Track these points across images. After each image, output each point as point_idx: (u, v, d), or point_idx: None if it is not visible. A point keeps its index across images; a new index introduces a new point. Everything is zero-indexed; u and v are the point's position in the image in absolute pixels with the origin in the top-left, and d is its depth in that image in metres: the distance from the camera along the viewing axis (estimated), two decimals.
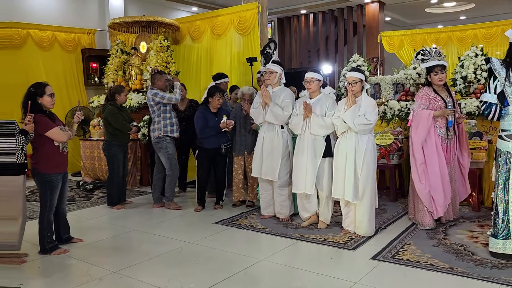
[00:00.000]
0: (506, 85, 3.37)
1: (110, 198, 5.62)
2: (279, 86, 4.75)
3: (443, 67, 4.33)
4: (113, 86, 5.78)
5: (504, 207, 3.45)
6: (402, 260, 3.58)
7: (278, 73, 4.72)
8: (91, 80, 9.14)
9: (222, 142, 5.27)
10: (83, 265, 3.71)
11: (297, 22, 13.53)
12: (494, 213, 3.53)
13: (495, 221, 3.51)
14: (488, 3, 12.25)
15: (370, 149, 4.13)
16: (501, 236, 3.46)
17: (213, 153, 5.29)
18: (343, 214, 4.37)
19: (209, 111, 5.27)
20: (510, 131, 3.42)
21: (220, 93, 5.26)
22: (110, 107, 5.45)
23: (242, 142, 5.29)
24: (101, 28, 9.39)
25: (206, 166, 5.36)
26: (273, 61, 4.81)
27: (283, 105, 4.59)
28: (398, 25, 14.98)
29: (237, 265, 3.61)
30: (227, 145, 5.31)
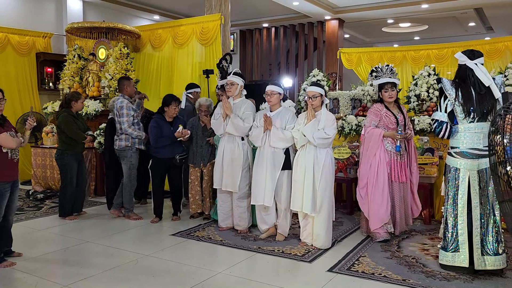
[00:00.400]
0: (456, 105, 3.53)
1: (62, 209, 5.40)
2: (240, 98, 4.77)
3: (394, 85, 4.42)
4: (69, 93, 5.59)
5: (453, 221, 3.59)
6: (358, 272, 3.65)
7: (239, 84, 4.73)
8: (45, 85, 8.81)
9: (177, 152, 5.18)
10: (31, 278, 3.53)
11: (259, 35, 13.67)
12: (444, 227, 3.66)
13: (445, 235, 3.64)
14: (440, 26, 12.88)
15: (328, 163, 4.21)
16: (450, 249, 3.59)
17: (167, 163, 5.19)
18: (301, 227, 4.41)
19: (164, 120, 5.19)
20: (459, 148, 3.57)
21: (176, 102, 5.17)
22: (64, 114, 5.27)
23: (198, 153, 5.21)
24: (57, 32, 9.10)
25: (160, 176, 5.26)
26: (235, 73, 4.81)
27: (244, 117, 4.61)
28: (356, 42, 15.46)
29: (195, 278, 3.55)
30: (182, 155, 5.21)
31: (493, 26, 12.92)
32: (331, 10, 11.32)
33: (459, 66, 3.63)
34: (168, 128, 5.16)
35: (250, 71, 13.76)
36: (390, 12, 11.26)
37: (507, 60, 8.02)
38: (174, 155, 5.15)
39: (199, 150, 5.20)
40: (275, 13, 11.95)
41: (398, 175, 4.43)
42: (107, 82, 6.96)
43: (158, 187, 5.28)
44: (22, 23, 8.58)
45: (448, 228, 3.61)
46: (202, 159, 5.20)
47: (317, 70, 7.16)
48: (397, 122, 4.39)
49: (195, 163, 5.23)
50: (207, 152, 5.20)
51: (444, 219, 3.67)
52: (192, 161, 5.25)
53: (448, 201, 3.63)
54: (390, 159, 4.40)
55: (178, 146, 5.20)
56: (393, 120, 4.40)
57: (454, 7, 10.61)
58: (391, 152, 4.41)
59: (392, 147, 4.40)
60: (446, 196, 3.66)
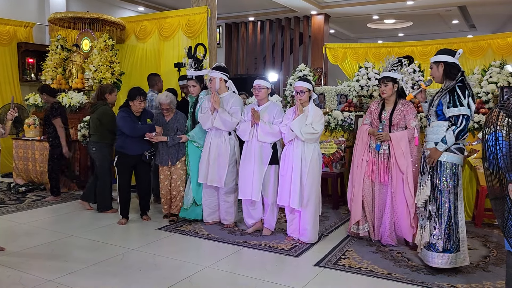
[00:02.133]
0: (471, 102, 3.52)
1: (104, 202, 5.32)
2: (227, 92, 4.73)
3: (387, 79, 4.12)
4: (104, 85, 5.63)
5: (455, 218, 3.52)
6: (344, 266, 3.69)
7: (217, 77, 4.61)
8: (26, 76, 8.62)
9: (146, 149, 4.91)
10: (15, 273, 3.47)
11: (245, 29, 13.62)
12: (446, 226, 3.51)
13: (449, 234, 3.50)
14: (424, 23, 13.03)
15: (315, 158, 4.23)
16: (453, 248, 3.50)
17: (135, 160, 4.91)
18: (288, 221, 4.43)
19: (132, 114, 4.85)
20: (459, 145, 3.52)
21: (142, 96, 4.81)
22: (105, 107, 5.32)
23: (165, 151, 4.88)
24: (40, 22, 8.89)
25: (128, 174, 4.97)
26: (213, 67, 4.73)
27: (232, 111, 4.58)
28: (342, 37, 15.54)
29: (182, 272, 3.54)
30: (151, 151, 4.96)
31: (476, 24, 13.13)
32: (317, 5, 11.34)
33: (456, 64, 3.57)
34: (136, 123, 4.85)
35: (235, 65, 13.72)
36: (375, 8, 11.34)
37: (489, 58, 8.16)
38: (143, 151, 4.90)
39: (165, 148, 4.88)
40: (261, 6, 11.92)
41: (376, 175, 4.17)
42: (91, 74, 6.84)
43: (125, 185, 4.96)
44: (3, 11, 8.36)
45: (453, 227, 3.48)
46: (170, 158, 4.88)
47: (303, 65, 7.17)
48: (380, 121, 4.18)
49: (162, 162, 4.93)
50: (175, 149, 4.88)
51: (445, 219, 3.48)
52: (159, 160, 4.95)
53: (449, 198, 3.49)
54: (371, 157, 4.22)
55: (146, 142, 4.88)
56: (375, 117, 4.24)
57: (439, 4, 10.75)
58: (374, 150, 4.21)
59: (374, 144, 4.20)
60: (446, 193, 3.48)
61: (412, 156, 4.05)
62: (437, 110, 3.56)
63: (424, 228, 3.64)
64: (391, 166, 4.10)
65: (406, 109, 4.10)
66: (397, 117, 4.11)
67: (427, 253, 3.58)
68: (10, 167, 7.36)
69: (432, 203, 3.57)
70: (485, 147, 2.32)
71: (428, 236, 3.56)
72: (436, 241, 3.51)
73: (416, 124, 4.07)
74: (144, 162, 4.98)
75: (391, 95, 4.15)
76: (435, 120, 3.58)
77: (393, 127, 4.12)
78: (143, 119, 4.89)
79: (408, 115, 4.08)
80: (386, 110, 4.20)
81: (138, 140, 4.83)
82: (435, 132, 3.58)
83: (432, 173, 3.57)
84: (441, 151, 3.49)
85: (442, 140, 3.47)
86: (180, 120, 4.93)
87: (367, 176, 4.22)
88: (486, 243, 4.34)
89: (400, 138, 4.04)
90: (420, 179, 3.72)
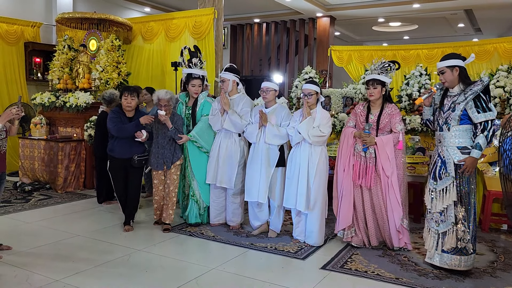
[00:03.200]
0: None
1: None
2: (238, 93, 4.72)
3: (378, 82, 4.04)
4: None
5: (473, 221, 3.56)
6: (351, 270, 3.68)
7: (231, 80, 4.62)
8: (33, 76, 8.66)
9: (136, 152, 4.57)
10: (21, 272, 3.48)
11: (250, 30, 13.62)
12: (465, 230, 3.54)
13: (473, 236, 3.56)
14: (429, 26, 13.00)
15: (323, 160, 4.22)
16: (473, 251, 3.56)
17: (125, 164, 4.58)
18: (294, 224, 4.42)
19: (123, 114, 4.60)
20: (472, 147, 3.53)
21: (128, 92, 4.53)
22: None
23: (159, 154, 4.56)
24: (47, 22, 8.93)
25: (121, 179, 4.66)
26: (226, 68, 4.70)
27: (242, 113, 4.57)
28: (347, 40, 15.52)
29: (188, 273, 3.54)
30: (141, 155, 4.60)
31: (482, 28, 13.09)
32: (323, 7, 11.34)
33: (465, 69, 3.61)
34: (125, 123, 4.57)
35: (240, 66, 13.72)
36: (381, 11, 11.33)
37: (495, 61, 8.13)
38: (132, 154, 4.55)
39: (160, 150, 4.56)
40: (267, 8, 11.92)
41: (362, 179, 4.06)
42: (97, 74, 6.86)
43: (121, 192, 4.70)
44: (11, 11, 8.40)
45: (472, 230, 3.52)
46: (165, 161, 4.56)
47: (309, 67, 7.19)
48: (367, 122, 4.08)
49: (157, 166, 4.58)
50: (170, 152, 4.56)
51: (468, 222, 3.51)
52: (153, 164, 4.60)
53: (474, 201, 3.54)
54: (356, 161, 4.10)
55: (138, 145, 4.59)
56: (362, 120, 4.12)
57: (445, 8, 10.72)
58: (359, 153, 4.10)
59: (360, 147, 4.09)
60: (472, 196, 3.53)
61: (396, 160, 3.99)
62: (461, 115, 3.52)
63: (446, 234, 3.57)
64: (377, 170, 4.02)
65: (392, 112, 4.04)
66: (384, 121, 4.04)
67: (453, 257, 3.54)
68: (16, 166, 7.38)
69: (458, 207, 3.53)
70: (501, 151, 2.30)
71: (455, 241, 3.53)
72: (466, 244, 3.52)
73: (401, 127, 4.01)
74: (133, 167, 4.60)
75: (378, 98, 4.08)
76: (456, 124, 3.55)
77: (380, 130, 4.05)
78: (136, 120, 4.55)
79: (394, 119, 4.02)
80: (372, 113, 4.12)
81: (127, 142, 4.53)
82: (459, 136, 3.54)
83: (457, 176, 3.53)
84: (478, 158, 3.49)
85: (477, 147, 3.45)
86: (177, 122, 4.60)
87: (353, 180, 4.12)
88: (493, 248, 4.32)
89: (385, 143, 3.97)
90: (435, 185, 3.65)
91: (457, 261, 3.53)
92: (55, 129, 7.19)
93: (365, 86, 4.18)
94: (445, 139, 3.61)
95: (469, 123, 3.52)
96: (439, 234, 3.62)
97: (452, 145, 3.56)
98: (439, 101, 3.74)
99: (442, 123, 3.65)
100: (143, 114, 4.66)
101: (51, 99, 6.95)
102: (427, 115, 3.86)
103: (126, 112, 4.59)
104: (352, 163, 4.12)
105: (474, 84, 3.52)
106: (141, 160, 4.62)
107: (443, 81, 3.66)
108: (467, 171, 3.49)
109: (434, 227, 3.66)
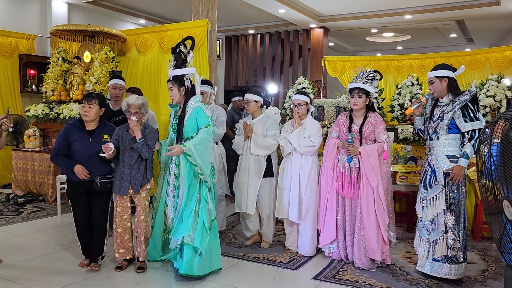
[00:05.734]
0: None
1: None
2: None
3: (363, 91, 3.96)
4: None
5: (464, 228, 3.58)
6: (342, 280, 3.68)
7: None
8: (27, 88, 8.67)
9: (99, 173, 3.72)
10: (12, 286, 3.46)
11: (245, 42, 13.72)
12: (455, 238, 3.55)
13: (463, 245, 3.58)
14: (422, 36, 13.12)
15: (314, 171, 4.24)
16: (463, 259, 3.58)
17: (86, 188, 3.75)
18: (286, 234, 4.43)
19: (83, 127, 3.82)
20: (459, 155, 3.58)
21: (87, 99, 3.78)
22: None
23: (125, 175, 3.72)
24: (41, 34, 8.97)
25: (81, 206, 3.81)
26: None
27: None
28: (341, 50, 15.64)
29: (179, 285, 3.52)
30: (105, 177, 3.74)
31: (474, 38, 13.23)
32: (317, 19, 11.44)
33: (454, 80, 3.66)
34: (83, 139, 3.75)
35: (235, 77, 13.80)
36: (374, 22, 11.44)
37: (487, 71, 8.21)
38: (92, 176, 3.71)
39: (127, 170, 3.71)
40: (261, 20, 12.02)
41: (346, 191, 3.96)
42: (91, 86, 6.89)
43: (80, 221, 3.84)
44: (5, 24, 8.44)
45: (462, 238, 3.54)
46: (132, 183, 3.72)
47: (302, 78, 7.24)
48: (350, 131, 4.01)
49: (120, 190, 3.73)
50: (139, 173, 3.73)
51: (458, 230, 3.53)
52: (117, 187, 3.74)
53: (463, 209, 3.57)
54: (340, 172, 4.01)
55: (101, 163, 3.75)
56: (345, 131, 4.04)
57: (437, 19, 10.84)
58: (343, 164, 4.00)
59: (344, 158, 3.99)
60: (462, 204, 3.56)
61: (381, 171, 3.92)
62: (449, 125, 3.56)
63: (436, 242, 3.58)
64: (360, 181, 3.91)
65: (375, 121, 3.97)
66: (367, 130, 3.96)
67: (444, 266, 3.55)
68: (9, 178, 7.36)
69: (448, 215, 3.55)
70: (480, 161, 2.34)
71: (446, 250, 3.54)
72: (456, 253, 3.53)
73: (386, 137, 3.93)
74: (97, 192, 3.76)
75: (362, 107, 4.01)
76: (444, 133, 3.59)
77: (364, 140, 3.96)
78: (98, 133, 3.81)
79: (378, 128, 3.95)
80: (355, 123, 4.03)
81: (87, 161, 3.71)
82: (448, 145, 3.58)
83: (447, 185, 3.56)
84: (465, 167, 3.51)
85: (464, 155, 3.48)
86: (149, 135, 3.77)
87: (337, 191, 4.04)
88: (485, 256, 4.33)
89: (370, 152, 3.87)
90: (426, 193, 3.67)
91: (447, 269, 3.54)
92: (49, 140, 7.19)
93: (349, 95, 4.08)
94: (435, 148, 3.64)
95: (458, 132, 3.56)
96: (431, 243, 3.63)
97: (441, 154, 3.59)
98: (430, 111, 3.78)
99: (431, 132, 3.69)
100: (110, 127, 3.90)
101: (44, 110, 6.96)
102: (418, 124, 3.89)
103: (86, 124, 3.83)
104: (336, 175, 4.05)
105: (463, 94, 3.56)
106: (105, 183, 3.73)
107: (432, 91, 3.71)
108: (454, 179, 3.51)
109: (425, 236, 3.67)
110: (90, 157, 3.71)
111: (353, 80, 4.08)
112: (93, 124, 3.82)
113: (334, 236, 4.08)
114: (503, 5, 9.10)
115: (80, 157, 3.72)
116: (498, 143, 2.36)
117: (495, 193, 2.19)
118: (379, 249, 3.89)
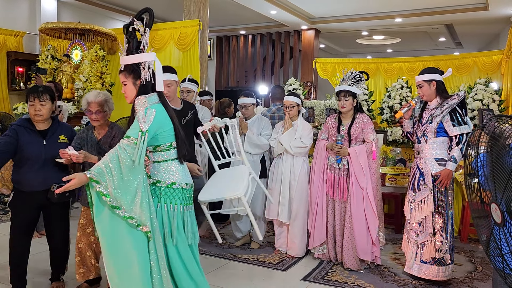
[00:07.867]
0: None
1: None
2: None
3: (349, 93, 4.00)
4: (225, 100, 5.68)
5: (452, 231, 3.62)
6: (331, 281, 3.70)
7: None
8: (15, 85, 8.56)
9: (54, 181, 2.79)
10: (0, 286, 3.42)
11: (236, 42, 13.71)
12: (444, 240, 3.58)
13: (452, 247, 3.62)
14: (412, 39, 13.25)
15: (304, 172, 4.26)
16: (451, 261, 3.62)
17: (38, 200, 3.14)
18: (276, 234, 4.44)
19: (32, 128, 3.16)
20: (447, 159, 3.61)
21: (36, 95, 3.08)
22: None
23: None
24: (30, 31, 8.87)
25: (24, 222, 3.21)
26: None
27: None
28: (332, 52, 15.71)
29: None
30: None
31: (462, 42, 13.39)
32: (308, 20, 11.49)
33: (443, 83, 3.70)
34: (36, 141, 3.12)
35: (226, 78, 13.79)
36: (364, 25, 11.52)
37: (475, 75, 8.30)
38: (47, 186, 2.92)
39: None
40: (252, 21, 12.03)
41: (336, 192, 4.03)
42: (81, 84, 6.84)
43: (19, 241, 3.23)
44: None
45: (449, 241, 3.58)
46: None
47: (293, 79, 7.26)
48: (338, 133, 4.06)
49: (84, 201, 3.22)
50: None
51: (446, 232, 3.56)
52: (84, 199, 3.22)
53: (451, 211, 3.61)
54: (330, 174, 4.07)
55: (57, 170, 3.12)
56: (334, 132, 4.10)
57: (426, 22, 10.95)
58: (333, 166, 4.06)
59: (333, 159, 4.06)
60: (449, 206, 3.59)
61: (370, 171, 3.94)
62: (438, 128, 3.59)
63: (424, 244, 3.62)
64: (350, 182, 3.96)
65: (364, 122, 4.01)
66: (356, 131, 4.00)
67: (432, 268, 3.58)
68: None
69: (436, 218, 3.58)
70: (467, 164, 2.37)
71: (434, 252, 3.57)
72: (444, 255, 3.56)
73: (374, 138, 3.97)
74: (52, 202, 3.03)
75: (350, 109, 4.05)
76: (433, 136, 3.62)
77: (352, 141, 4.01)
78: (53, 135, 3.20)
79: (366, 128, 3.98)
80: (344, 124, 4.08)
81: (41, 168, 3.10)
82: (436, 148, 3.61)
83: (435, 188, 3.59)
84: (453, 170, 3.54)
85: (452, 159, 3.51)
86: (116, 139, 3.19)
87: (327, 193, 4.09)
88: (471, 258, 4.38)
89: (358, 153, 3.91)
90: (414, 195, 3.70)
91: (435, 271, 3.57)
92: None
93: (336, 98, 4.13)
94: (423, 151, 3.68)
95: (446, 136, 3.60)
96: (418, 245, 3.66)
97: (429, 157, 3.63)
98: (419, 114, 3.82)
99: (420, 136, 3.72)
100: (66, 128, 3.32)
101: None
102: (408, 128, 3.93)
103: (36, 124, 3.18)
104: (326, 177, 4.09)
105: (451, 98, 3.60)
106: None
107: (421, 95, 3.75)
108: (442, 183, 3.55)
109: (413, 238, 3.70)
110: (45, 163, 3.10)
111: (340, 83, 4.13)
112: (44, 123, 3.19)
113: (325, 238, 4.11)
114: (491, 10, 9.22)
115: (34, 163, 3.09)
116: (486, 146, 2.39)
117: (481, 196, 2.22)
118: (368, 250, 3.92)
